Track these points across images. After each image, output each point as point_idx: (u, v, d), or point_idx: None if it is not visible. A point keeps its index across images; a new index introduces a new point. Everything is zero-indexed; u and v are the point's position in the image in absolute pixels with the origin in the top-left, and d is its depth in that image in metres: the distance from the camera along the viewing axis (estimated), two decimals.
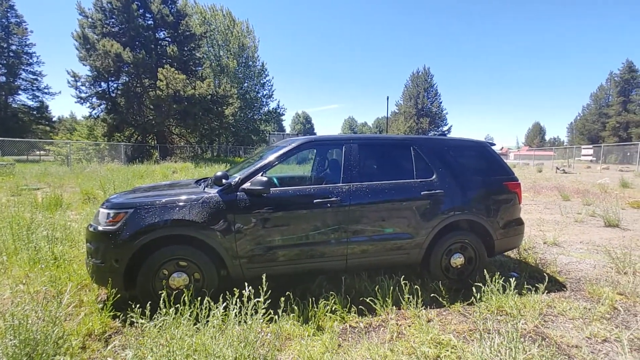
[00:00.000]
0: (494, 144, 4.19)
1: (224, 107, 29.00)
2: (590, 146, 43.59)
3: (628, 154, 35.63)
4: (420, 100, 61.96)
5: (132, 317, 2.19)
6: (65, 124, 47.60)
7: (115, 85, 25.28)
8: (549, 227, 6.59)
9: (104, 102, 24.93)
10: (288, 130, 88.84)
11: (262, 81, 43.93)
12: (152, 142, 26.96)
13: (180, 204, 3.00)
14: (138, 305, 2.34)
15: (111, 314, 2.81)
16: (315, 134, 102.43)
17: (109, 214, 2.98)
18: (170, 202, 3.01)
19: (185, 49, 27.44)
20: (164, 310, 2.26)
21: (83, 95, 24.37)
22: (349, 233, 3.28)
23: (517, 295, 3.20)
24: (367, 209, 3.33)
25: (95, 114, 25.50)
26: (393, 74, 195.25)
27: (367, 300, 3.09)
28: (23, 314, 2.07)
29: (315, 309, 2.94)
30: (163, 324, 2.12)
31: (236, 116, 37.22)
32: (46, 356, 2.02)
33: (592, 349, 2.55)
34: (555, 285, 3.75)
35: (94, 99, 24.79)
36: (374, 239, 3.35)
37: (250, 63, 42.59)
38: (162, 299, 2.35)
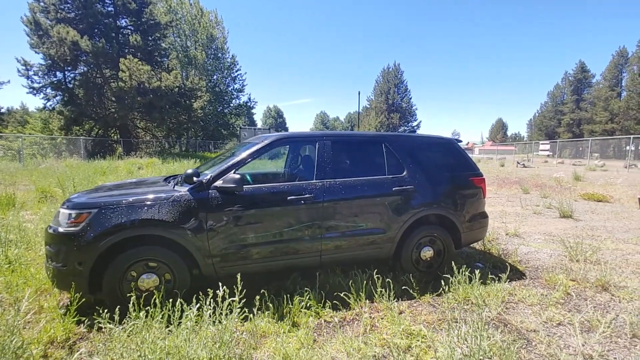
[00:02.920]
0: (461, 141, 4.37)
1: (193, 100, 28.04)
2: (547, 142, 46.49)
3: (580, 149, 38.36)
4: (391, 95, 63.13)
5: (98, 322, 2.10)
6: (16, 115, 44.06)
7: (72, 75, 23.62)
8: (510, 219, 6.98)
9: (60, 93, 23.25)
10: (259, 124, 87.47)
11: (232, 74, 42.81)
12: (115, 137, 25.63)
13: (149, 202, 2.89)
14: (105, 310, 2.24)
15: (75, 319, 2.67)
16: (287, 128, 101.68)
17: (70, 214, 2.82)
18: (138, 201, 2.90)
19: (150, 38, 26.14)
20: (134, 313, 2.19)
21: (36, 85, 22.59)
22: (323, 229, 3.31)
23: (481, 285, 3.38)
24: (340, 205, 3.37)
25: (51, 105, 23.77)
26: (365, 69, 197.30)
27: (342, 294, 3.14)
28: None
29: (290, 306, 2.95)
30: (133, 328, 2.04)
31: (205, 110, 36.07)
32: None
33: (548, 332, 2.75)
34: (516, 274, 4.00)
35: (49, 90, 23.07)
36: (347, 235, 3.41)
37: (220, 55, 41.34)
38: (131, 302, 2.27)
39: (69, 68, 22.87)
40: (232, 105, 43.62)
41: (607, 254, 4.74)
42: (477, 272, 3.08)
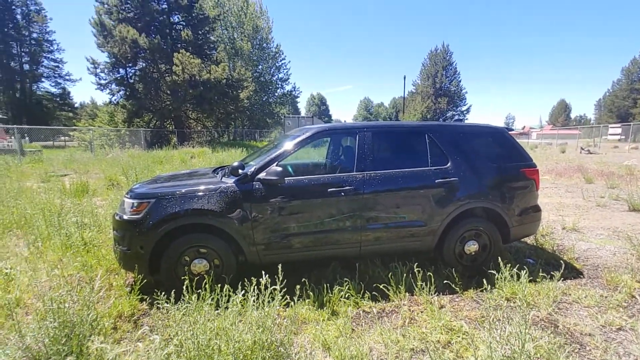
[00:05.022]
0: (512, 129, 4.10)
1: (239, 91, 29.01)
2: (619, 124, 41.50)
3: None
4: (439, 79, 60.06)
5: (157, 301, 2.34)
6: (87, 109, 48.86)
7: (132, 71, 25.60)
8: (569, 212, 6.45)
9: (123, 88, 25.35)
10: (303, 112, 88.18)
11: (277, 64, 43.44)
12: (170, 127, 27.43)
13: (199, 193, 3.11)
14: (163, 290, 2.50)
15: (139, 297, 3.00)
16: (330, 115, 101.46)
17: (133, 203, 3.13)
18: (189, 192, 3.13)
19: (200, 32, 27.34)
20: (187, 295, 2.41)
21: (102, 81, 24.84)
22: (363, 220, 3.33)
23: (531, 282, 3.21)
24: (381, 197, 3.36)
25: (115, 100, 26.03)
26: (410, 52, 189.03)
27: (381, 286, 3.16)
28: (60, 298, 2.25)
29: (330, 295, 3.04)
30: (186, 309, 2.25)
31: (251, 99, 37.21)
32: (82, 337, 2.20)
33: (605, 338, 2.56)
34: (572, 273, 3.72)
35: (113, 85, 25.24)
36: (387, 227, 3.40)
37: (265, 45, 42.08)
38: (185, 284, 2.50)
39: (130, 64, 24.74)
40: (277, 94, 44.43)
41: None
42: (526, 268, 2.93)
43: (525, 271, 2.86)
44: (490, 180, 3.59)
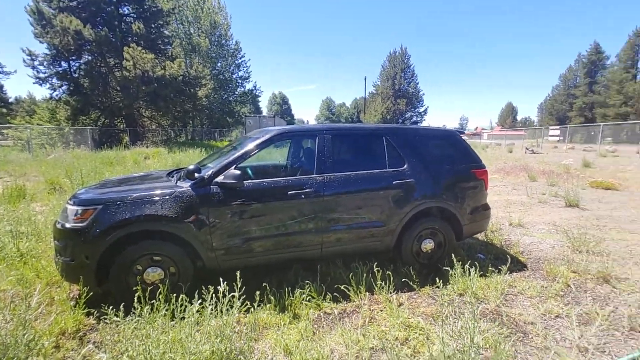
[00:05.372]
0: (463, 132, 4.33)
1: (197, 89, 27.96)
2: (557, 127, 45.59)
3: (592, 133, 37.47)
4: (398, 81, 62.08)
5: (104, 315, 2.18)
6: (24, 105, 44.56)
7: (77, 64, 23.68)
8: (515, 209, 6.95)
9: (66, 82, 23.34)
10: (265, 111, 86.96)
11: (237, 61, 42.48)
12: (122, 126, 25.80)
13: (152, 199, 2.95)
14: (112, 303, 2.33)
15: (85, 311, 2.78)
16: (292, 115, 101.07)
17: (77, 210, 2.89)
18: (141, 197, 2.96)
19: (153, 26, 25.93)
20: (139, 307, 2.26)
21: (42, 75, 22.70)
22: (324, 222, 3.35)
23: (481, 277, 3.42)
24: (341, 198, 3.40)
25: (57, 95, 23.92)
26: (371, 54, 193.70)
27: (342, 287, 3.20)
28: None
29: (292, 298, 3.02)
30: (138, 323, 2.12)
31: (210, 98, 36.04)
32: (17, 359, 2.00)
33: (545, 325, 2.79)
34: (518, 266, 4.01)
35: (54, 80, 23.17)
36: (348, 228, 3.44)
37: (224, 42, 40.96)
38: (136, 296, 2.35)
39: (74, 58, 22.89)
40: (237, 93, 43.46)
41: (612, 244, 4.71)
42: (477, 263, 3.11)
43: (476, 267, 3.03)
44: (444, 181, 3.76)
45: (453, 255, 3.28)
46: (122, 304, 2.29)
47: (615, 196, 8.29)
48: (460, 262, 3.18)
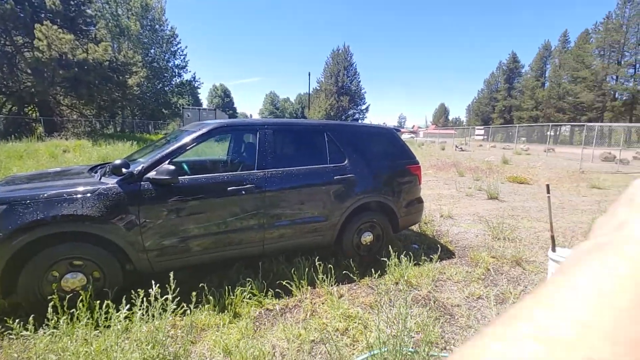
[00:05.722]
0: (399, 130, 4.57)
1: (127, 76, 25.60)
2: (482, 127, 50.49)
3: (510, 133, 42.16)
4: (341, 78, 63.40)
5: (9, 330, 1.91)
6: None
7: None
8: (445, 202, 7.54)
9: None
10: (205, 104, 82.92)
11: (172, 49, 39.78)
12: (34, 115, 22.68)
13: (71, 197, 2.64)
14: (22, 315, 2.04)
15: None
16: (235, 108, 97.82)
17: None
18: (57, 194, 2.63)
19: (72, 3, 23.06)
20: (56, 317, 2.02)
21: None
22: (266, 218, 3.30)
23: (415, 266, 3.66)
24: (282, 194, 3.38)
25: None
26: (315, 49, 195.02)
27: (284, 283, 3.19)
28: None
29: (232, 297, 2.94)
30: (53, 335, 1.89)
31: (143, 87, 33.27)
32: None
33: (469, 306, 3.08)
34: (447, 254, 4.36)
35: None
36: (290, 224, 3.43)
37: (158, 27, 38.08)
38: (50, 305, 2.09)
39: None
40: (173, 83, 40.77)
41: (524, 231, 5.36)
42: (412, 253, 3.32)
43: (410, 256, 3.24)
44: (382, 177, 3.94)
45: (390, 246, 3.46)
46: (32, 316, 2.02)
47: (527, 189, 9.43)
48: (397, 253, 3.37)
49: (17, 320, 1.93)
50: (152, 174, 2.85)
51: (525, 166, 14.75)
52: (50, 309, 2.02)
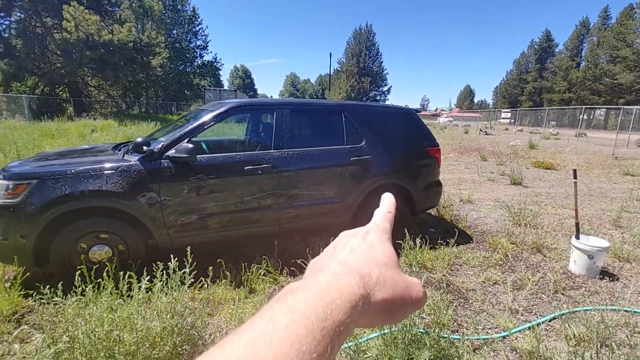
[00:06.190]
0: (420, 111, 4.45)
1: (151, 57, 26.03)
2: (509, 110, 48.40)
3: (539, 117, 40.24)
4: (362, 58, 61.92)
5: (41, 296, 2.05)
6: None
7: (6, 23, 20.98)
8: (466, 186, 7.37)
9: None
10: (226, 85, 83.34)
11: (194, 29, 39.85)
12: (64, 95, 23.53)
13: (96, 173, 2.76)
14: (51, 283, 2.18)
15: (22, 293, 2.59)
16: (255, 89, 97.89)
17: (7, 185, 2.64)
18: (83, 171, 2.75)
19: None
20: (83, 285, 2.15)
21: None
22: (282, 199, 3.33)
23: (431, 249, 3.63)
24: (298, 174, 3.39)
25: None
26: (337, 29, 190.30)
27: (299, 261, 3.25)
28: None
29: (248, 273, 3.02)
30: (79, 302, 2.02)
31: (165, 68, 33.73)
32: None
33: (484, 291, 3.04)
34: (465, 238, 4.30)
35: None
36: (305, 204, 3.46)
37: (180, 7, 38.14)
38: (77, 275, 2.22)
39: (2, 14, 20.20)
40: (195, 64, 41.06)
41: (547, 218, 5.19)
42: (427, 237, 3.29)
43: (426, 240, 3.21)
44: (400, 158, 3.87)
45: (406, 229, 3.44)
46: (61, 283, 2.15)
47: (554, 175, 9.07)
48: (412, 236, 3.34)
49: (50, 288, 2.07)
50: (171, 152, 2.92)
51: (553, 151, 14.13)
52: (77, 278, 2.15)
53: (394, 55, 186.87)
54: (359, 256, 0.32)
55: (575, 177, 3.52)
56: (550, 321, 2.61)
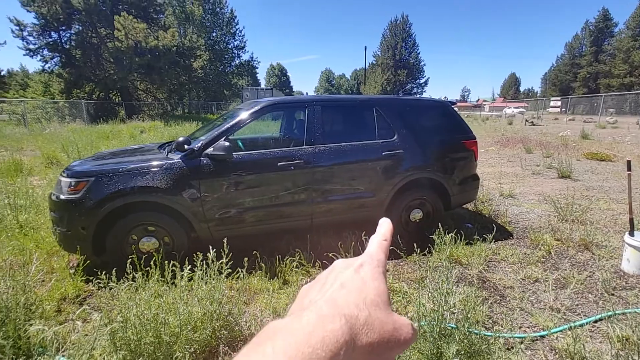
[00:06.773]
0: (455, 103, 4.31)
1: (192, 60, 27.35)
2: (559, 98, 44.85)
3: (595, 104, 36.91)
4: (398, 51, 60.39)
5: (98, 281, 2.30)
6: (17, 78, 43.65)
7: (67, 35, 23.02)
8: (507, 180, 7.01)
9: (57, 54, 22.80)
10: (263, 83, 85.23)
11: (232, 30, 41.15)
12: (117, 99, 25.42)
13: (144, 170, 3.00)
14: (107, 270, 2.44)
15: (84, 278, 2.90)
16: (291, 87, 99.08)
17: (70, 182, 2.96)
18: (133, 169, 3.01)
19: None
20: (134, 273, 2.38)
21: (32, 46, 22.12)
22: (314, 193, 3.42)
23: (467, 244, 3.53)
24: (330, 170, 3.45)
25: (49, 67, 23.44)
26: (372, 23, 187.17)
27: (331, 254, 3.32)
28: None
29: (282, 266, 3.14)
30: (130, 287, 2.24)
31: (206, 69, 35.22)
32: (19, 321, 2.12)
33: (523, 289, 2.92)
34: (504, 234, 4.13)
35: (45, 51, 22.60)
36: (337, 199, 3.52)
37: (218, 10, 39.54)
38: (128, 263, 2.46)
39: (64, 27, 22.21)
40: (233, 64, 42.43)
41: (598, 214, 4.82)
42: (463, 232, 3.22)
43: (461, 235, 3.14)
44: (433, 152, 3.80)
45: (441, 224, 3.38)
46: (115, 271, 2.40)
47: (609, 167, 8.35)
48: (447, 231, 3.28)
49: (106, 274, 2.31)
50: (209, 150, 3.11)
51: (610, 141, 12.96)
52: (129, 266, 2.39)
53: (432, 46, 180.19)
54: (348, 295, 0.31)
55: (629, 169, 3.25)
56: (595, 322, 2.47)
